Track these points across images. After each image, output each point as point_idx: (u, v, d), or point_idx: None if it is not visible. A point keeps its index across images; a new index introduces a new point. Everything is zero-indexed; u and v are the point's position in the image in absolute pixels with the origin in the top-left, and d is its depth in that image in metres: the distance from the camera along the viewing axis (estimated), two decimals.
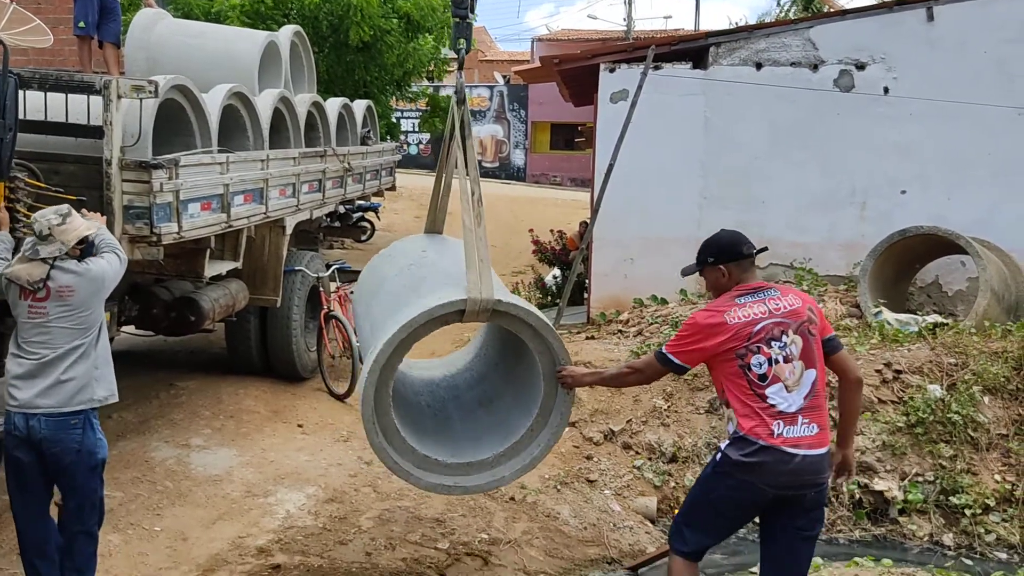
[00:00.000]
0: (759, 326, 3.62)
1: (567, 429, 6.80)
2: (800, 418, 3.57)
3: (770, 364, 3.59)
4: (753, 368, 3.60)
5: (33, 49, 11.08)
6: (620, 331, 8.77)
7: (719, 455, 3.73)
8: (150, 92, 5.26)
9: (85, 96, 5.30)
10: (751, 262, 3.81)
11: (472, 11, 4.51)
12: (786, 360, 3.60)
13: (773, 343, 3.61)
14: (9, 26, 9.17)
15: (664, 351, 3.82)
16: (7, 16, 9.16)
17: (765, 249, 4.03)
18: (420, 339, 4.13)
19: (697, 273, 3.94)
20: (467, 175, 4.33)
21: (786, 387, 3.58)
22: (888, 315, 7.66)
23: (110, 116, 5.13)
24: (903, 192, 8.97)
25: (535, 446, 4.36)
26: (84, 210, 4.61)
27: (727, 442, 3.70)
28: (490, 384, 4.95)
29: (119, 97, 5.15)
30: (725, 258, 3.78)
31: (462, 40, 4.47)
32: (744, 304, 3.67)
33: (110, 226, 5.00)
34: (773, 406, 3.57)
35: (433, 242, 5.10)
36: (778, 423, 3.56)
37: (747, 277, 3.77)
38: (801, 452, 3.55)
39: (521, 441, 4.35)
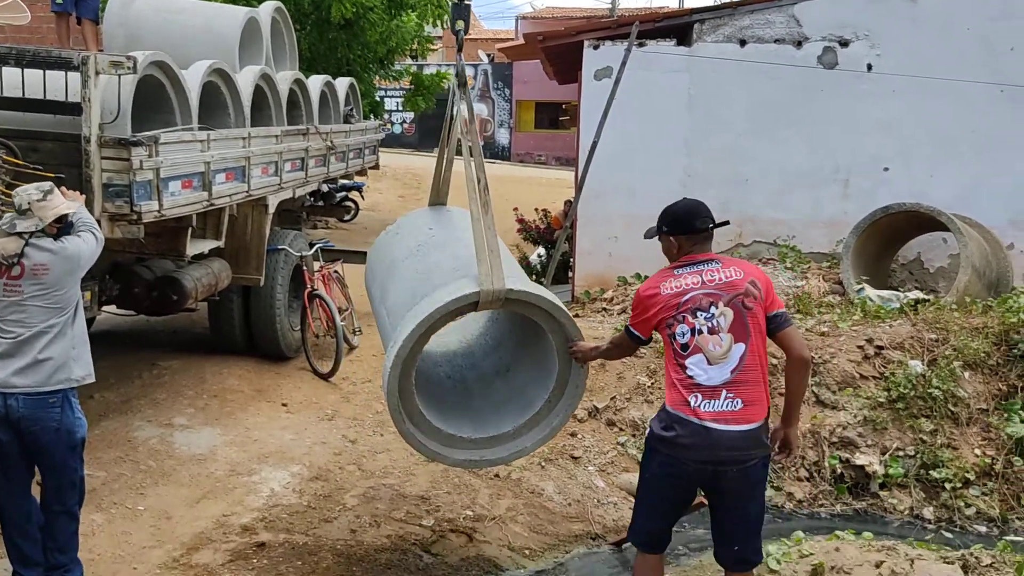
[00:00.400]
0: (687, 296, 3.61)
1: None
2: (724, 392, 3.51)
3: (693, 334, 3.56)
4: (677, 338, 3.60)
5: (10, 26, 10.96)
6: (604, 309, 8.79)
7: (648, 429, 3.75)
8: (128, 68, 5.19)
9: (63, 72, 5.24)
10: (705, 236, 3.74)
11: None
12: (711, 331, 3.55)
13: (699, 313, 3.57)
14: None
15: (628, 323, 3.91)
16: None
17: (726, 223, 4.01)
18: (437, 331, 4.23)
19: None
20: (472, 162, 4.32)
21: (708, 359, 3.54)
22: (870, 292, 7.71)
23: (88, 92, 5.07)
24: (886, 169, 9.00)
25: (554, 416, 4.49)
26: (64, 188, 4.57)
27: (653, 415, 3.74)
28: (506, 351, 5.03)
29: (97, 73, 5.09)
30: (677, 229, 3.74)
31: (461, 22, 4.37)
32: (680, 275, 3.67)
33: (89, 204, 4.95)
34: (691, 378, 3.54)
35: (439, 218, 5.09)
36: (695, 395, 3.52)
37: (696, 249, 3.72)
38: (718, 427, 3.49)
39: (540, 412, 4.47)
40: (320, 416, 6.85)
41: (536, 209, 12.58)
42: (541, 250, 12.06)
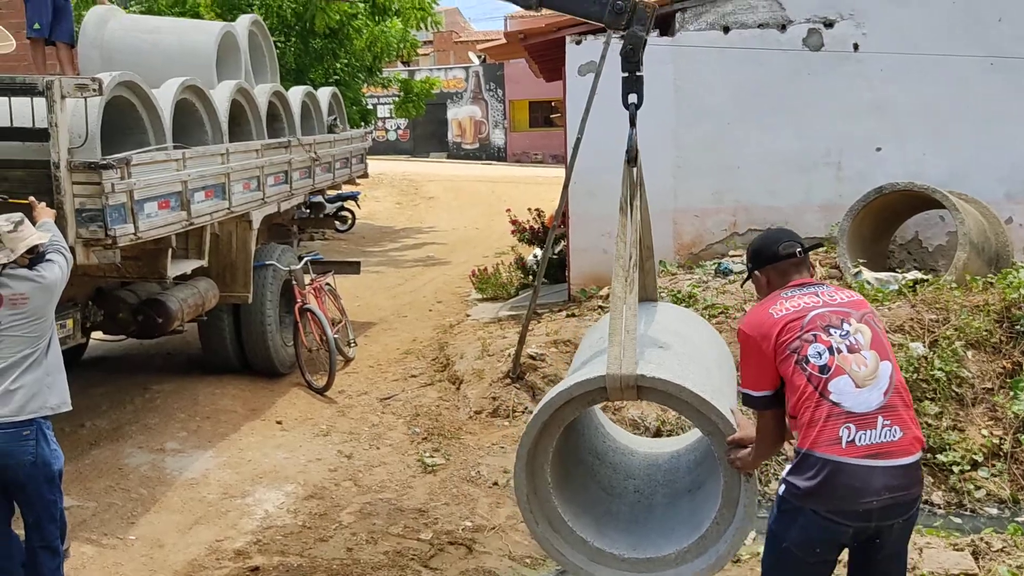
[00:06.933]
0: (812, 313, 3.04)
1: None
2: (879, 419, 2.89)
3: (831, 353, 2.96)
4: (811, 360, 2.96)
5: None
6: (600, 307, 8.67)
7: (782, 487, 3.05)
8: (94, 91, 5.11)
9: (29, 98, 5.15)
10: (796, 263, 3.23)
11: (641, 66, 4.05)
12: (851, 350, 2.98)
13: (832, 330, 3.01)
14: None
15: (744, 390, 3.20)
16: None
17: (818, 246, 3.49)
18: (568, 421, 3.75)
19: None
20: (625, 239, 3.87)
21: (855, 381, 2.93)
22: (868, 275, 7.57)
23: (55, 117, 4.99)
24: (878, 150, 8.85)
25: (722, 542, 3.70)
26: (33, 199, 4.53)
27: (788, 467, 3.05)
28: (706, 468, 4.25)
29: (63, 97, 5.01)
30: (761, 262, 3.28)
31: (632, 95, 4.04)
32: (791, 296, 3.13)
33: (62, 229, 4.85)
34: (838, 405, 2.91)
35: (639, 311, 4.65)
36: (847, 427, 2.88)
37: (794, 279, 3.23)
38: (880, 463, 2.87)
39: (707, 536, 3.71)
40: (315, 432, 6.75)
41: (529, 209, 12.47)
42: (537, 251, 11.94)
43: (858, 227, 7.96)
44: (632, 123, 4.00)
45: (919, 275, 7.55)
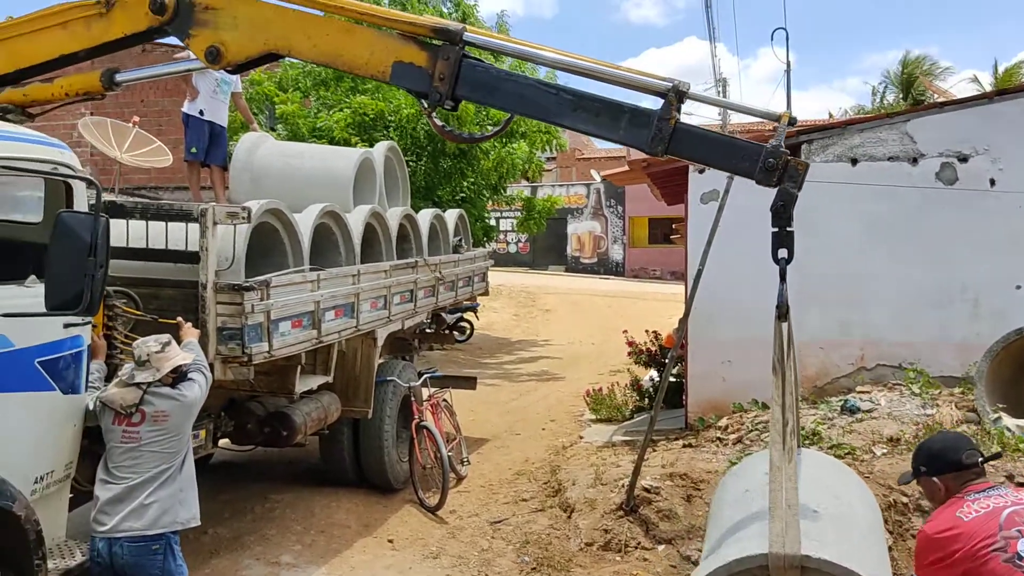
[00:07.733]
0: (1007, 512, 3.15)
1: (662, 547, 6.54)
2: None
3: None
4: None
5: (155, 168, 11.86)
6: (719, 438, 8.44)
7: None
8: (244, 218, 5.47)
9: (184, 223, 5.55)
10: (975, 472, 3.34)
11: (792, 222, 4.15)
12: None
13: None
14: (133, 147, 9.85)
15: None
16: (131, 138, 9.85)
17: (998, 456, 3.69)
18: None
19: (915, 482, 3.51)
20: (780, 401, 3.83)
21: None
22: (1008, 421, 7.14)
23: (206, 242, 5.34)
24: (1018, 287, 8.47)
25: None
26: (180, 319, 4.81)
27: None
28: None
29: (215, 224, 5.37)
30: (940, 469, 3.37)
31: (783, 250, 4.11)
32: (976, 499, 3.24)
33: (203, 346, 5.13)
34: None
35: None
36: None
37: (972, 482, 3.34)
38: None
39: None
40: (425, 554, 6.74)
41: (646, 331, 12.41)
42: (654, 373, 11.82)
43: (997, 368, 7.57)
44: (782, 278, 4.01)
45: None
